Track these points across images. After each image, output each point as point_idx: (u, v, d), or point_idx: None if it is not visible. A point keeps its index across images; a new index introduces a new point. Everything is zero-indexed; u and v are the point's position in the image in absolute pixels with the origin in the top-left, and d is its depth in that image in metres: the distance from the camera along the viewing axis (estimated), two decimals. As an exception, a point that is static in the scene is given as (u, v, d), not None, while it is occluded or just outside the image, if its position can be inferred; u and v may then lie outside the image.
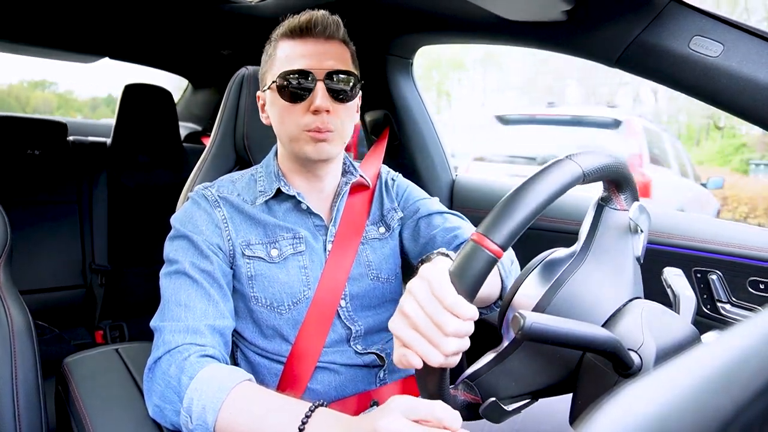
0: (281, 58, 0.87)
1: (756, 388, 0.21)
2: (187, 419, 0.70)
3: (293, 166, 0.93)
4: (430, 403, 0.56)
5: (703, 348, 0.23)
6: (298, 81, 0.84)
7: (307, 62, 0.84)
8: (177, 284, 0.81)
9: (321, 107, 0.83)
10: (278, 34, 0.89)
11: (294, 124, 0.86)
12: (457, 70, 22.96)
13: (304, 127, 0.85)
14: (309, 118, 0.84)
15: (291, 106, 0.85)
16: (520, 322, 0.50)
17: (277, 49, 0.89)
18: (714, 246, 1.07)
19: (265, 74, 0.91)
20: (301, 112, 0.85)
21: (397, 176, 1.09)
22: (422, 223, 1.00)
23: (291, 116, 0.86)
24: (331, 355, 0.90)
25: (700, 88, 0.87)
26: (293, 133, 0.86)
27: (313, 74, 0.84)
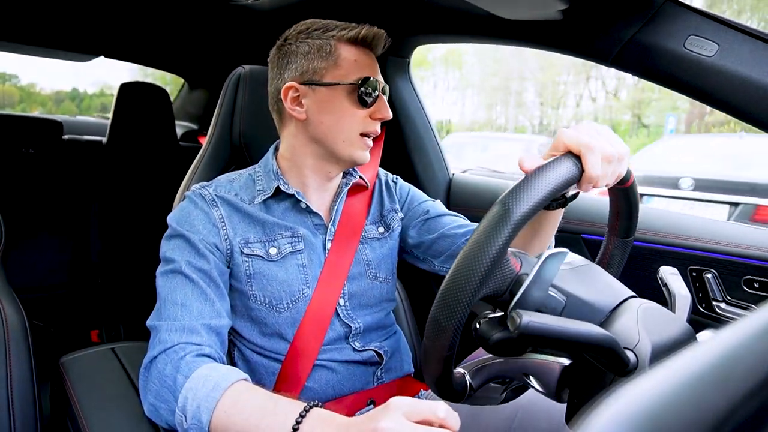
0: (350, 61, 0.87)
1: (750, 386, 0.21)
2: (181, 418, 0.70)
3: (314, 164, 0.92)
4: (432, 404, 0.56)
5: (699, 346, 0.24)
6: (371, 89, 0.88)
7: (373, 72, 0.89)
8: (173, 283, 0.81)
9: (387, 116, 0.90)
10: (341, 37, 0.87)
11: (354, 126, 0.88)
12: (418, 68, 23.02)
13: (363, 130, 0.89)
14: (369, 124, 0.89)
15: (355, 110, 0.88)
16: (516, 321, 0.50)
17: (340, 50, 0.87)
18: (709, 245, 1.07)
19: (321, 69, 0.88)
20: (363, 116, 0.89)
21: (397, 179, 1.11)
22: (432, 222, 1.04)
23: (354, 119, 0.88)
24: (329, 352, 0.90)
25: (695, 87, 0.87)
26: (350, 135, 0.89)
27: (380, 85, 0.89)
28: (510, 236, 0.54)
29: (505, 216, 0.55)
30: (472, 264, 0.53)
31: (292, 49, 0.89)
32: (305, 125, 0.90)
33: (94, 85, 15.57)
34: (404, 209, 1.06)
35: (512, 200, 0.56)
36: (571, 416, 0.63)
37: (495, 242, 0.53)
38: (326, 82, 0.87)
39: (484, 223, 0.56)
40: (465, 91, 24.97)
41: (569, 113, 21.64)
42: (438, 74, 25.08)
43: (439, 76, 25.30)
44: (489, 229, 0.55)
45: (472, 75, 24.34)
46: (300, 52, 0.88)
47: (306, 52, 0.88)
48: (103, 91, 13.27)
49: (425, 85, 27.63)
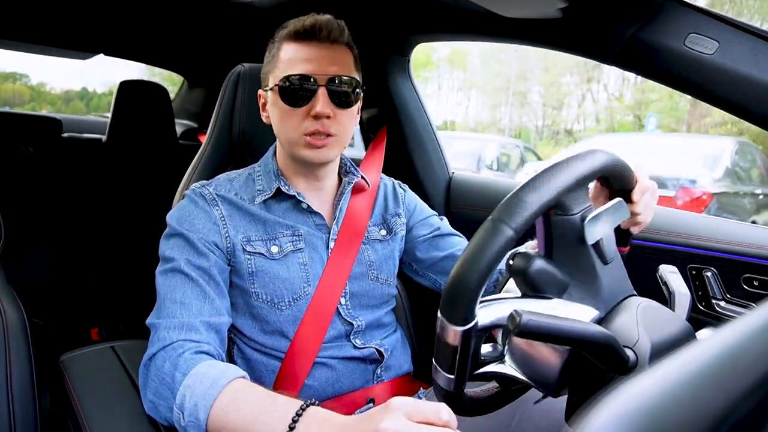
0: (284, 60, 0.87)
1: (749, 384, 0.21)
2: (179, 416, 0.70)
3: (293, 166, 0.94)
4: (434, 405, 0.56)
5: (698, 345, 0.23)
6: (300, 85, 0.84)
7: (310, 67, 0.85)
8: (172, 282, 0.81)
9: (321, 113, 0.84)
10: (282, 36, 0.89)
11: (293, 127, 0.86)
12: (422, 69, 23.00)
13: (304, 131, 0.85)
14: (309, 123, 0.85)
15: (291, 110, 0.86)
16: (516, 319, 0.50)
17: (281, 50, 0.88)
18: (709, 243, 1.07)
19: (268, 74, 0.91)
20: (301, 116, 0.85)
21: (406, 188, 1.13)
22: (441, 240, 1.06)
23: (291, 119, 0.86)
24: (330, 350, 0.90)
25: (695, 85, 0.87)
26: (292, 136, 0.87)
27: (316, 79, 0.84)
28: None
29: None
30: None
31: (267, 57, 0.93)
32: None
33: (103, 84, 15.53)
34: (410, 220, 1.08)
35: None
36: (571, 415, 0.63)
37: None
38: (269, 86, 0.89)
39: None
40: (469, 92, 25.04)
41: (572, 114, 21.65)
42: (443, 75, 25.11)
43: (443, 77, 25.33)
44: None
45: (477, 76, 24.40)
46: (264, 59, 0.93)
47: (265, 59, 0.92)
48: (111, 91, 13.34)
49: (430, 85, 27.64)
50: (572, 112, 21.77)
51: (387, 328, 1.00)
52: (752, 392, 0.21)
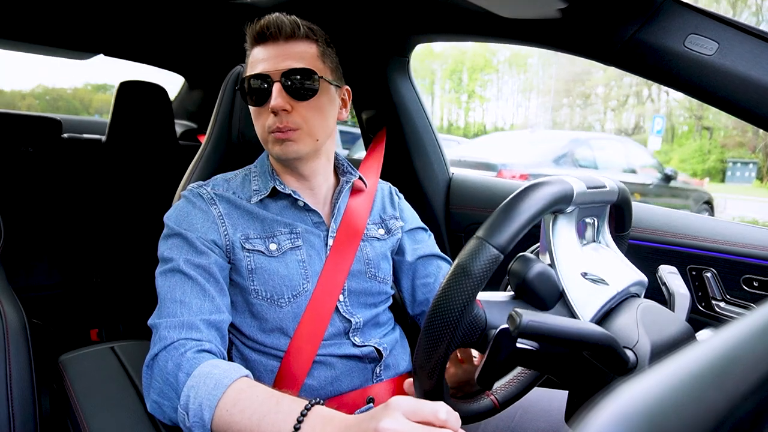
0: (249, 62, 0.91)
1: (750, 384, 0.21)
2: (184, 416, 0.70)
3: (278, 166, 0.96)
4: (433, 405, 0.56)
5: (698, 345, 0.23)
6: (257, 85, 0.87)
7: (265, 65, 0.87)
8: (172, 281, 0.81)
9: (275, 107, 0.85)
10: (248, 40, 0.92)
11: (260, 126, 0.89)
12: (481, 72, 22.99)
13: (268, 128, 0.87)
14: (271, 120, 0.87)
15: (257, 110, 0.89)
16: (516, 321, 0.50)
17: (249, 52, 0.92)
18: (709, 244, 1.07)
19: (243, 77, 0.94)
20: (265, 114, 0.88)
21: (401, 196, 1.14)
22: (420, 264, 1.07)
23: (258, 119, 0.90)
24: (329, 347, 0.90)
25: (695, 86, 0.87)
26: (262, 135, 0.90)
27: (270, 76, 0.86)
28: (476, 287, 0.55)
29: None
30: (444, 312, 0.55)
31: None
32: None
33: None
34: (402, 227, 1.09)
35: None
36: (571, 415, 0.63)
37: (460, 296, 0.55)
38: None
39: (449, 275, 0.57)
40: (530, 93, 25.10)
41: (633, 114, 21.47)
42: (503, 78, 25.11)
43: (504, 80, 25.33)
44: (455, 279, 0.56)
45: (537, 78, 24.43)
46: None
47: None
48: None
49: (491, 88, 27.63)
50: (632, 113, 21.69)
51: (385, 327, 1.00)
52: (753, 393, 0.21)
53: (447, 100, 36.18)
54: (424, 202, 1.58)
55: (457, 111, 34.17)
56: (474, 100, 29.73)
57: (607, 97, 22.16)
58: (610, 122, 22.96)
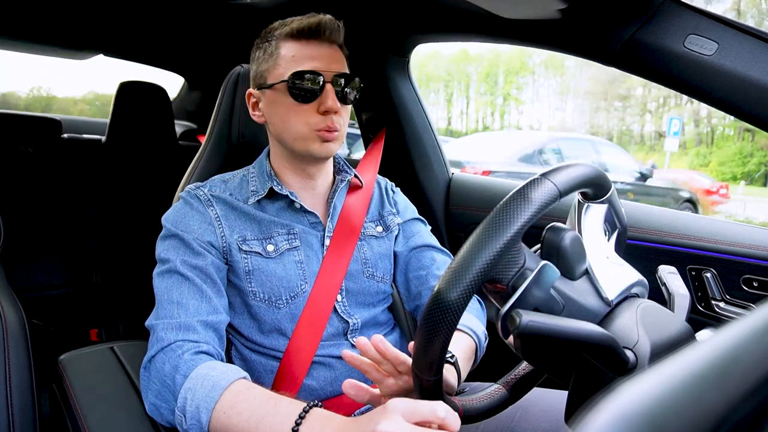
0: (287, 58, 0.87)
1: (749, 385, 0.21)
2: (181, 418, 0.70)
3: (288, 165, 0.94)
4: (431, 405, 0.56)
5: (698, 346, 0.23)
6: (309, 82, 0.86)
7: (316, 64, 0.86)
8: (169, 283, 0.81)
9: (332, 108, 0.86)
10: (281, 34, 0.88)
11: (303, 123, 0.87)
12: (516, 75, 22.81)
13: (314, 126, 0.87)
14: (318, 119, 0.86)
15: (299, 106, 0.87)
16: (516, 321, 0.50)
17: (280, 48, 0.88)
18: (708, 244, 1.07)
19: (265, 72, 0.90)
20: (310, 112, 0.87)
21: (397, 189, 1.12)
22: (414, 256, 1.04)
23: (299, 116, 0.87)
24: (328, 348, 0.90)
25: (694, 86, 0.87)
26: (301, 132, 0.87)
27: (324, 76, 0.86)
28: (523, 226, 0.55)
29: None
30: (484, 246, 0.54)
31: (252, 56, 0.93)
32: (269, 127, 0.93)
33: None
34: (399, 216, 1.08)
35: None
36: (570, 415, 0.63)
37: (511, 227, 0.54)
38: (269, 83, 0.89)
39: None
40: (567, 96, 25.00)
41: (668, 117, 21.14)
42: (539, 80, 24.98)
43: (540, 82, 25.21)
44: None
45: (575, 80, 24.31)
46: (254, 58, 0.92)
47: (257, 57, 0.92)
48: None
49: (527, 91, 27.50)
50: (673, 113, 21.44)
51: (384, 327, 1.00)
52: (753, 393, 0.21)
53: (482, 103, 35.96)
54: (424, 202, 1.58)
55: (492, 114, 33.94)
56: (509, 103, 29.63)
57: (645, 98, 22.07)
58: (650, 124, 22.85)
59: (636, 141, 22.23)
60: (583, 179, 0.61)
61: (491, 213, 0.56)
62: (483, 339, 0.95)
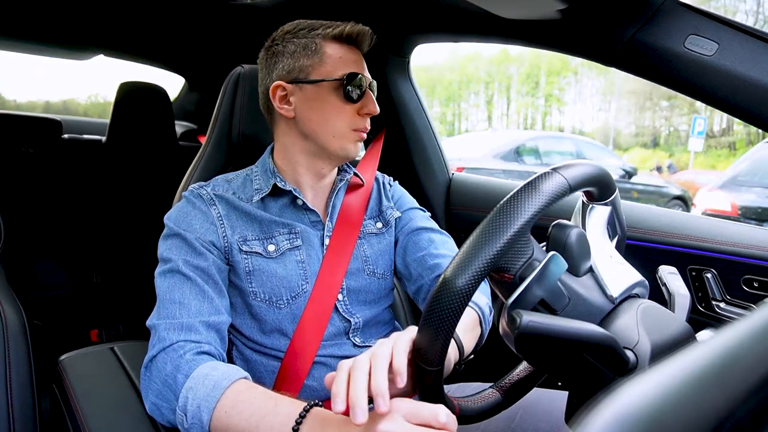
0: (335, 58, 0.89)
1: (750, 385, 0.21)
2: (182, 418, 0.70)
3: (306, 161, 0.94)
4: (433, 408, 0.56)
5: (698, 346, 0.23)
6: (357, 84, 0.89)
7: (359, 69, 0.91)
8: (171, 282, 0.81)
9: (373, 111, 0.90)
10: (327, 34, 0.89)
11: (344, 122, 0.90)
12: (557, 76, 22.37)
13: (353, 126, 0.90)
14: (359, 120, 0.91)
15: (344, 106, 0.89)
16: (516, 321, 0.50)
17: (325, 47, 0.89)
18: (709, 244, 1.07)
19: (307, 67, 0.89)
20: (351, 112, 0.90)
21: (394, 183, 1.13)
22: (411, 240, 1.03)
23: (342, 115, 0.89)
24: (329, 348, 0.90)
25: (695, 86, 0.87)
26: (341, 130, 0.90)
27: (365, 80, 0.90)
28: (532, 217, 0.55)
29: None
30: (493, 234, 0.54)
31: (279, 49, 0.92)
32: (295, 123, 0.92)
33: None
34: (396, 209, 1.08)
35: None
36: (571, 416, 0.63)
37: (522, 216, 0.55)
38: (312, 79, 0.89)
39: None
40: (611, 96, 24.68)
41: (721, 117, 20.59)
42: (581, 80, 24.62)
43: (582, 83, 24.88)
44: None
45: (619, 79, 23.97)
46: (287, 51, 0.91)
47: (292, 52, 0.90)
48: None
49: (570, 91, 27.04)
50: (720, 115, 21.11)
51: (386, 326, 1.00)
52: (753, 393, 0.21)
53: (523, 105, 35.66)
54: (425, 202, 1.58)
55: (534, 115, 33.47)
56: (551, 104, 29.39)
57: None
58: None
59: (682, 141, 21.83)
60: (592, 176, 0.62)
61: (501, 202, 0.57)
62: (488, 312, 0.94)
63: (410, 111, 1.58)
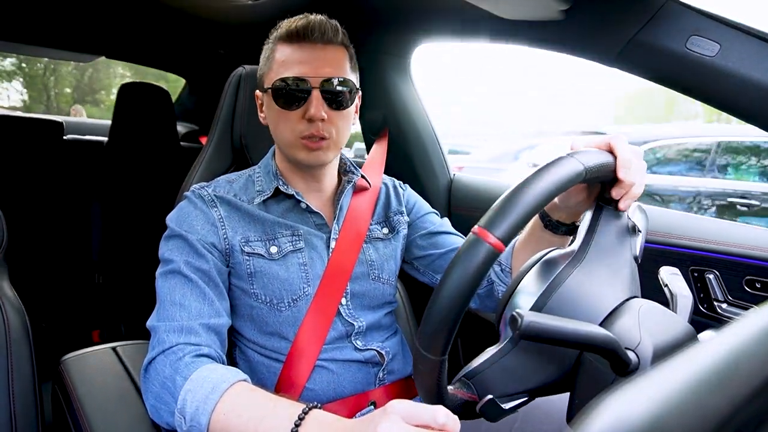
0: (278, 62, 0.87)
1: (753, 388, 0.21)
2: (181, 420, 0.69)
3: (291, 167, 0.94)
4: (431, 408, 0.56)
5: (700, 347, 0.23)
6: (293, 88, 0.84)
7: (303, 69, 0.84)
8: (172, 284, 0.81)
9: (315, 116, 0.83)
10: (276, 37, 0.89)
11: (289, 130, 0.86)
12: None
13: (299, 133, 0.86)
14: (303, 126, 0.85)
15: (286, 113, 0.86)
16: (518, 321, 0.50)
17: (275, 52, 0.88)
18: (711, 245, 1.07)
19: (263, 76, 0.91)
20: (296, 118, 0.85)
21: (406, 186, 1.13)
22: (440, 237, 1.05)
23: (286, 122, 0.86)
24: (331, 351, 0.90)
25: (696, 87, 0.87)
26: (288, 138, 0.87)
27: (309, 81, 0.84)
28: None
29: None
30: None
31: (262, 58, 0.93)
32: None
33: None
34: (410, 216, 1.08)
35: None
36: (572, 417, 0.63)
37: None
38: (265, 87, 0.90)
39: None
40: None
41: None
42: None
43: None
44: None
45: None
46: (261, 58, 0.92)
47: (261, 59, 0.92)
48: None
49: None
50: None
51: (387, 330, 1.00)
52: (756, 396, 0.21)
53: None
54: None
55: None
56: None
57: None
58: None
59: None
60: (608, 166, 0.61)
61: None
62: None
63: (411, 111, 1.58)
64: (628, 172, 0.63)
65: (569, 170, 0.57)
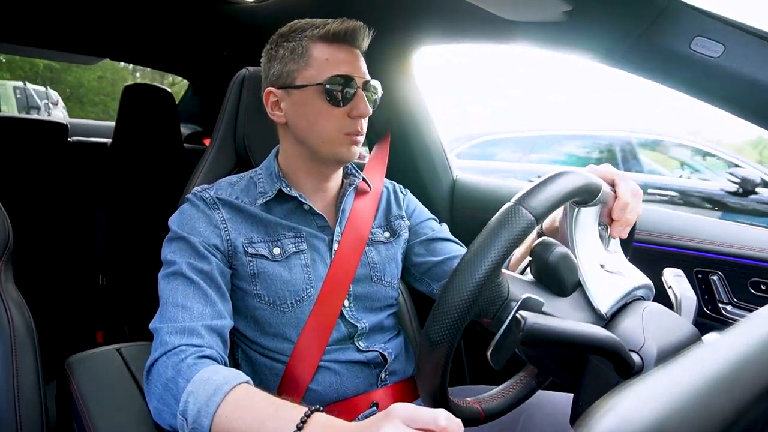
0: (321, 60, 0.87)
1: (758, 390, 0.21)
2: (183, 422, 0.69)
3: (305, 166, 0.93)
4: (433, 411, 0.56)
5: (704, 349, 0.23)
6: (344, 86, 0.86)
7: (349, 69, 0.87)
8: (174, 285, 0.81)
9: (364, 113, 0.87)
10: (313, 35, 0.88)
11: (333, 126, 0.88)
12: None
13: (344, 130, 0.88)
14: (349, 122, 0.88)
15: (332, 109, 0.87)
16: (521, 323, 0.50)
17: (312, 50, 0.88)
18: (715, 247, 1.07)
19: (293, 72, 0.89)
20: (341, 115, 0.87)
21: (406, 191, 1.13)
22: (439, 244, 1.06)
23: (330, 119, 0.87)
24: (333, 353, 0.90)
25: (700, 88, 0.87)
26: (330, 135, 0.88)
27: (356, 81, 0.87)
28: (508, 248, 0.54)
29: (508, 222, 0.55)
30: (468, 275, 0.54)
31: (272, 54, 0.92)
32: (289, 128, 0.92)
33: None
34: (410, 221, 1.08)
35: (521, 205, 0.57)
36: (576, 418, 0.63)
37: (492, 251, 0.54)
38: (298, 84, 0.88)
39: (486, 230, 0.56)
40: None
41: None
42: None
43: None
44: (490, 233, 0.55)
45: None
46: (278, 56, 0.91)
47: (281, 56, 0.90)
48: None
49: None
50: None
51: (390, 332, 1.00)
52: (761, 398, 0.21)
53: None
54: (429, 204, 1.58)
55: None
56: None
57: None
58: None
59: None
60: (561, 197, 0.58)
61: (468, 249, 0.56)
62: None
63: (413, 112, 1.58)
64: (623, 213, 0.69)
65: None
